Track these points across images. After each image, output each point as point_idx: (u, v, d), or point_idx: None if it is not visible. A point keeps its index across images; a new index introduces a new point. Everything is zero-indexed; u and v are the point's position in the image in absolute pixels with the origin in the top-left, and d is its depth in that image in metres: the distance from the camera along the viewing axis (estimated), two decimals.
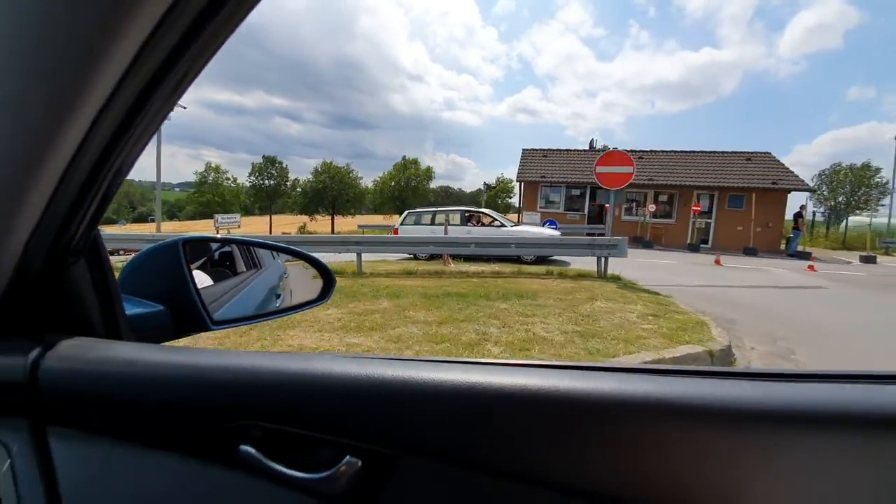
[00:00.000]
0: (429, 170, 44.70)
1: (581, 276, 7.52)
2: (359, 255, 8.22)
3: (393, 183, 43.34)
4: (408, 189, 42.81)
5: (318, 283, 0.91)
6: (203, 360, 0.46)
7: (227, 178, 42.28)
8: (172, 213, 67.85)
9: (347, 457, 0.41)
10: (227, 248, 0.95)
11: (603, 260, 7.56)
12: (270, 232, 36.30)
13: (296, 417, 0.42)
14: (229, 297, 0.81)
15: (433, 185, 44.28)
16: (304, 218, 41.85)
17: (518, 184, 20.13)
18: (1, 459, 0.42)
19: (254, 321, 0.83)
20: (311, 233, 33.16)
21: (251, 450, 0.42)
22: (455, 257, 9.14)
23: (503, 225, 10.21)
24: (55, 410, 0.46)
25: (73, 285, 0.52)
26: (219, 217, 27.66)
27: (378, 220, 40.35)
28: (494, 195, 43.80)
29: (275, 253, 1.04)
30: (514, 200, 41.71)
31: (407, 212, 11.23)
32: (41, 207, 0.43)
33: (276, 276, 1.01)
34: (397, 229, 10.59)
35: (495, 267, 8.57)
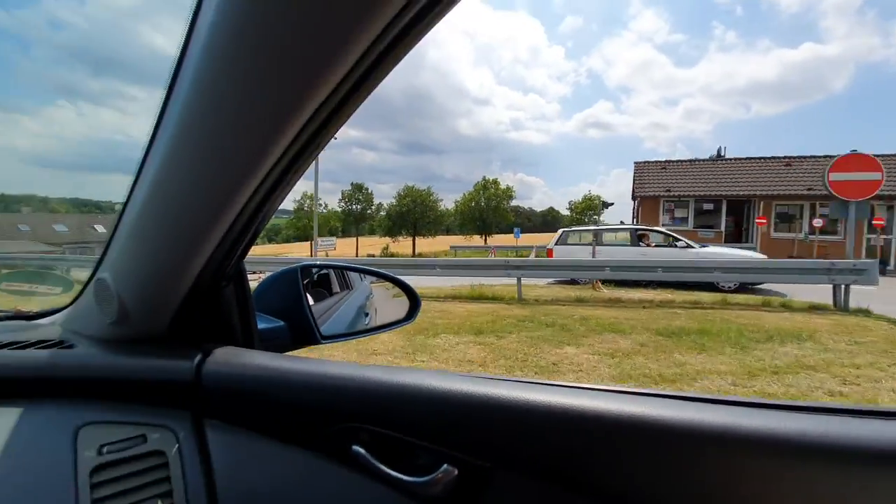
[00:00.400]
0: (508, 189, 44.00)
1: (814, 308, 6.01)
2: (519, 281, 7.50)
3: (473, 203, 43.17)
4: (488, 209, 42.33)
5: (396, 303, 0.99)
6: (319, 368, 0.54)
7: (319, 205, 45.35)
8: (269, 236, 74.56)
9: (445, 465, 0.46)
10: (324, 271, 1.07)
11: (842, 288, 5.99)
12: (357, 254, 37.91)
13: (399, 424, 0.48)
14: (329, 315, 0.92)
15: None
16: (387, 240, 43.17)
17: (634, 200, 18.43)
18: (171, 443, 0.52)
19: (354, 337, 0.98)
20: (393, 254, 33.87)
21: (361, 450, 0.49)
22: (605, 281, 8.06)
23: (689, 245, 8.86)
24: (210, 405, 0.55)
25: (224, 304, 0.63)
26: (319, 240, 29.28)
27: (472, 240, 40.18)
28: (581, 211, 41.52)
29: (362, 275, 1.16)
30: (604, 217, 39.20)
31: (563, 230, 10.35)
32: (214, 245, 0.53)
33: (363, 296, 1.11)
34: (552, 250, 9.72)
35: (668, 294, 7.30)
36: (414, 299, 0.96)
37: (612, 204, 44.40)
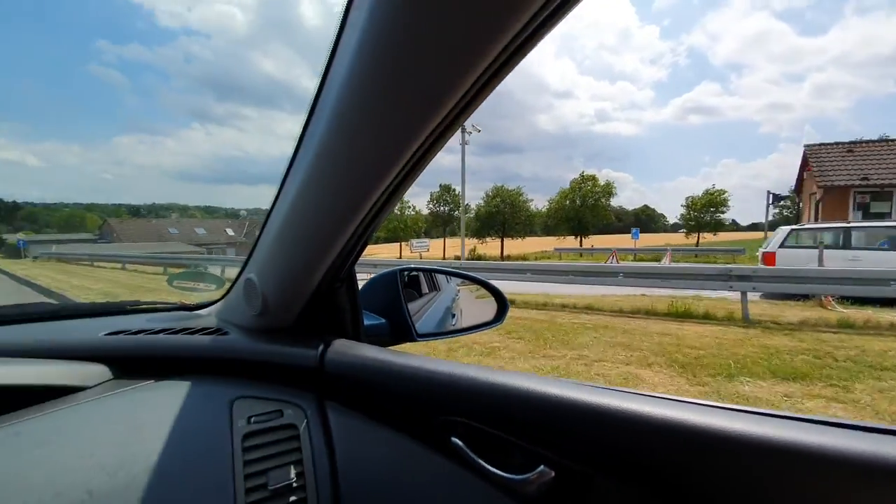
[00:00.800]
0: (608, 185, 40.41)
1: None
2: (744, 295, 5.68)
3: (567, 202, 40.36)
4: (585, 208, 39.23)
5: (482, 305, 1.04)
6: (423, 363, 0.58)
7: (409, 207, 46.04)
8: None
9: (542, 466, 0.47)
10: (415, 273, 1.06)
11: None
12: (444, 255, 37.57)
13: (497, 420, 0.50)
14: (420, 315, 0.94)
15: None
16: (473, 241, 42.25)
17: (796, 193, 14.92)
18: (301, 419, 0.60)
19: (446, 336, 1.08)
20: (480, 257, 32.78)
21: (459, 442, 0.52)
22: (843, 298, 5.93)
23: None
24: (331, 389, 0.64)
25: (338, 302, 0.72)
26: (413, 242, 29.27)
27: (566, 242, 37.78)
28: (702, 208, 36.26)
29: (448, 277, 1.15)
30: (727, 215, 33.95)
31: (789, 229, 8.16)
32: (337, 251, 0.61)
33: (450, 298, 1.14)
34: (772, 254, 7.62)
35: None
36: (502, 303, 1.01)
37: (786, 196, 37.78)
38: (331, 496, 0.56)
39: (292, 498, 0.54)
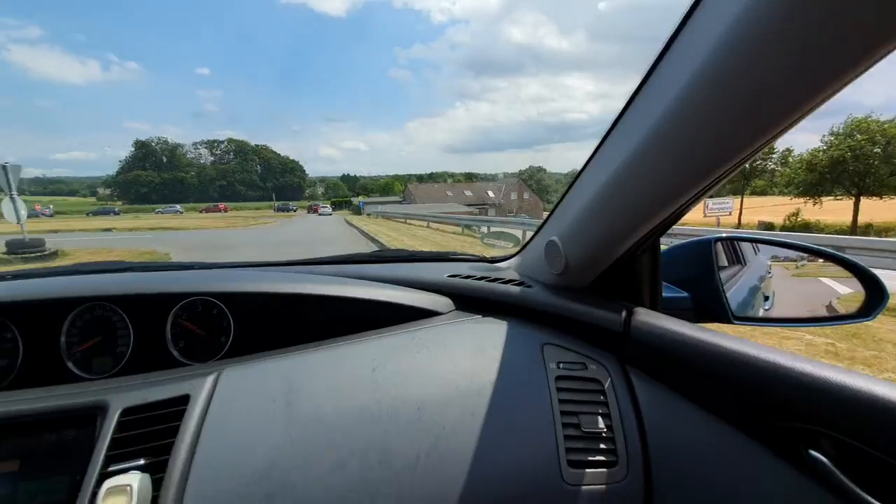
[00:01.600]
0: None
1: None
2: None
3: None
4: None
5: (808, 287, 0.85)
6: (755, 350, 0.48)
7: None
8: None
9: None
10: (734, 243, 0.94)
11: None
12: (739, 221, 27.89)
13: (887, 445, 0.38)
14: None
15: None
16: (795, 202, 29.40)
17: None
18: (604, 376, 0.63)
19: (776, 324, 0.93)
20: (808, 225, 21.85)
21: (824, 459, 0.41)
22: None
23: None
24: (634, 355, 0.64)
25: (638, 269, 0.71)
26: (709, 202, 22.37)
27: None
28: None
29: (756, 248, 0.93)
30: None
31: None
32: (654, 225, 0.58)
33: (757, 275, 0.92)
34: None
35: None
36: (877, 290, 0.73)
37: None
38: (641, 454, 0.57)
39: (602, 446, 0.58)
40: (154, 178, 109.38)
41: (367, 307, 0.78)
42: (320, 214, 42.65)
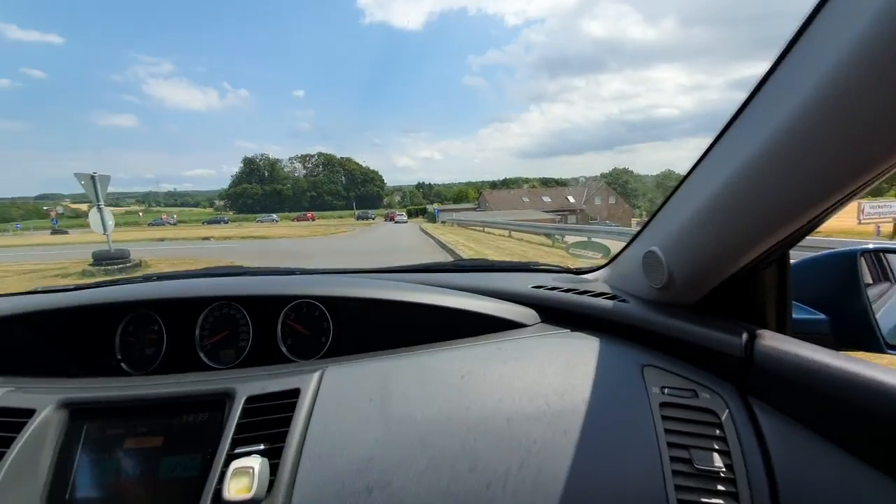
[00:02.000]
0: None
1: None
2: None
3: None
4: None
5: None
6: None
7: None
8: None
9: None
10: (885, 256, 0.84)
11: None
12: (895, 230, 21.55)
13: None
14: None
15: None
16: None
17: None
18: (721, 408, 0.55)
19: None
20: None
21: None
22: None
23: None
24: (759, 387, 0.54)
25: (760, 286, 0.63)
26: (866, 205, 17.50)
27: None
28: None
29: None
30: None
31: None
32: (781, 238, 0.52)
33: None
34: None
35: None
36: None
37: None
38: (769, 500, 0.49)
39: (720, 487, 0.51)
40: (257, 190, 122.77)
41: (454, 316, 0.79)
42: (396, 222, 45.44)
